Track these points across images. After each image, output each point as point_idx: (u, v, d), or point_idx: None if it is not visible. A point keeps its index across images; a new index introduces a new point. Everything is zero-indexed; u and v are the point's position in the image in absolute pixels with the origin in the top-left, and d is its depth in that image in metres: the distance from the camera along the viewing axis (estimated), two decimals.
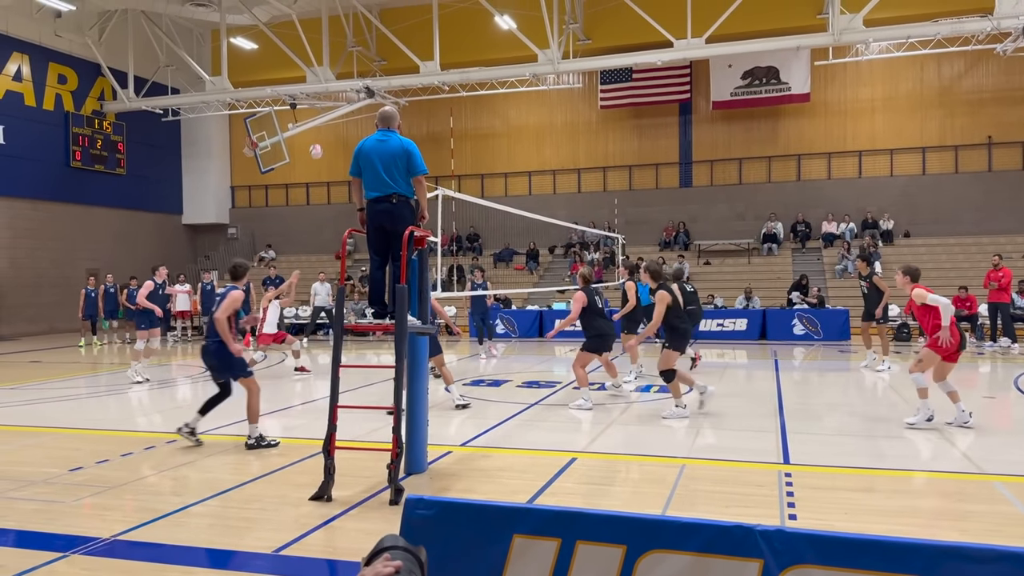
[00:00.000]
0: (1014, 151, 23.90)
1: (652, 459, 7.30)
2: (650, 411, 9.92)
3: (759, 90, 25.08)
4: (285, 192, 30.80)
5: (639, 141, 27.23)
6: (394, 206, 6.32)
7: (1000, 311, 17.10)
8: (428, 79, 23.14)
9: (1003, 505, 5.73)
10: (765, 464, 6.94)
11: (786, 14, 22.35)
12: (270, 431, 8.99)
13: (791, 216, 25.20)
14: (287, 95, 24.32)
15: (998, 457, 7.13)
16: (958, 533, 5.16)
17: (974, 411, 8.25)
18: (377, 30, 25.53)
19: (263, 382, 13.30)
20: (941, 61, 23.75)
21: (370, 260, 6.60)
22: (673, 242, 25.96)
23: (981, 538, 4.96)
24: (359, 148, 6.50)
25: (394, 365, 5.98)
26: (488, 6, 22.44)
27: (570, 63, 22.66)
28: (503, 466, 7.16)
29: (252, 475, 6.72)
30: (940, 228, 23.82)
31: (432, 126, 27.95)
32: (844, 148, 25.32)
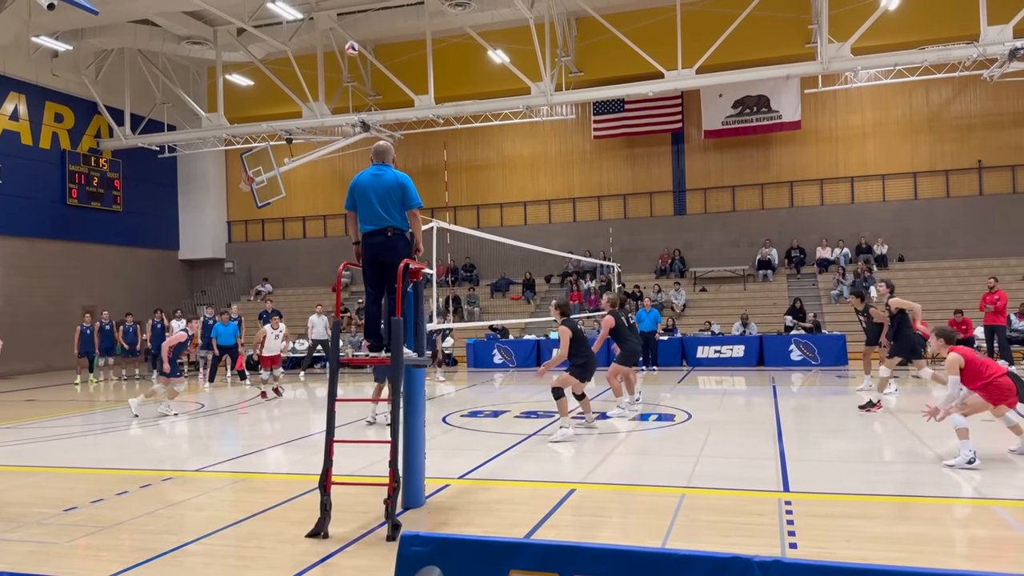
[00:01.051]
0: (1004, 175, 24.11)
1: (651, 489, 7.26)
2: (649, 440, 9.87)
3: (750, 119, 25.35)
4: (282, 226, 30.90)
5: (633, 170, 27.44)
6: (389, 239, 6.36)
7: (996, 334, 17.13)
8: (423, 112, 23.37)
9: (1004, 530, 5.69)
10: (765, 492, 6.90)
11: (775, 43, 22.67)
12: (265, 467, 8.93)
13: (785, 242, 25.32)
14: (283, 130, 24.52)
15: (997, 481, 7.10)
16: (960, 559, 5.12)
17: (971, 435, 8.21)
18: (372, 65, 25.84)
19: (261, 414, 13.29)
20: (929, 87, 24.05)
21: (366, 293, 6.61)
22: (669, 269, 26.04)
23: (983, 564, 4.92)
24: (354, 182, 6.55)
25: (390, 398, 5.96)
26: (481, 40, 22.76)
27: (563, 95, 22.90)
28: (502, 499, 7.11)
29: (249, 512, 6.66)
30: (933, 252, 23.94)
31: (427, 159, 28.16)
32: (836, 174, 25.52)
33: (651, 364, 19.24)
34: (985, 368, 7.76)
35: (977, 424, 9.60)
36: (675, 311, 23.65)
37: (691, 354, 20.27)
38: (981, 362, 7.82)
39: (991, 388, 7.68)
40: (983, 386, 7.72)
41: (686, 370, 19.37)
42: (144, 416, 12.91)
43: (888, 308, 12.64)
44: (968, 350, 8.01)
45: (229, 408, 14.51)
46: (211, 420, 13.23)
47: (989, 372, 7.74)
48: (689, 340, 20.69)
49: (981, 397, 7.73)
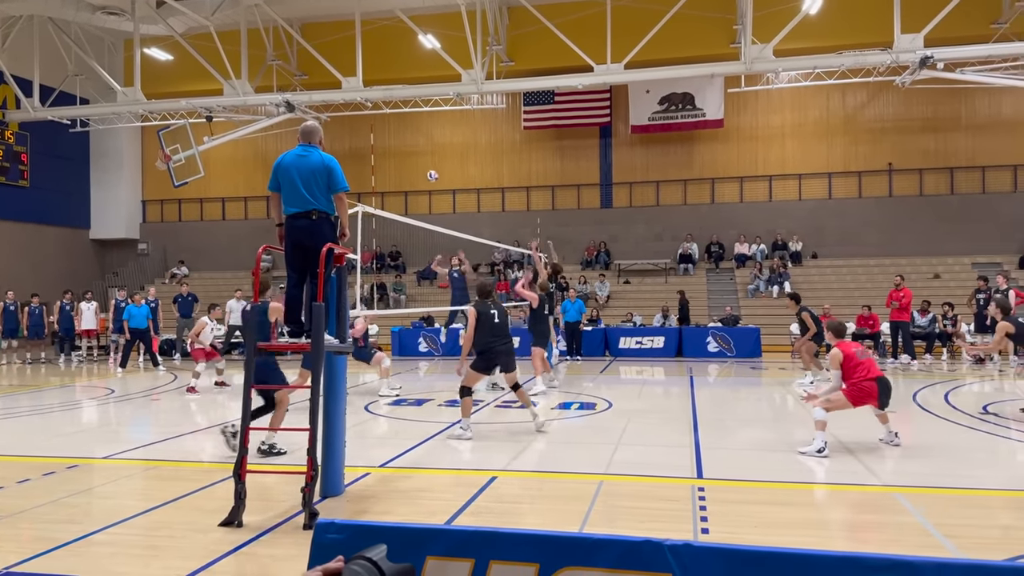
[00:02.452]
0: (912, 178, 25.33)
1: (571, 476, 7.36)
2: (570, 429, 10.00)
3: (675, 115, 25.86)
4: (200, 207, 29.91)
5: (562, 162, 27.66)
6: (313, 222, 6.23)
7: (901, 329, 18.01)
8: (350, 95, 22.94)
9: (904, 516, 6.00)
10: (680, 479, 7.09)
11: (701, 42, 23.16)
12: (179, 454, 8.66)
13: (706, 237, 25.99)
14: (203, 108, 23.68)
15: (899, 469, 7.48)
16: (860, 544, 5.38)
17: (876, 425, 8.62)
18: (298, 44, 25.20)
19: (175, 402, 12.86)
20: (845, 91, 25.02)
21: (287, 277, 6.47)
22: (595, 261, 26.39)
23: (883, 548, 5.18)
24: (278, 162, 6.39)
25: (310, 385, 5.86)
26: (412, 24, 22.47)
27: (493, 84, 22.85)
28: (423, 487, 7.09)
29: (160, 501, 6.45)
30: (845, 250, 24.98)
31: (354, 142, 27.70)
32: (755, 172, 26.33)
33: (575, 354, 19.51)
34: (858, 368, 8.12)
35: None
36: (599, 302, 23.99)
37: (614, 345, 20.62)
38: (859, 362, 8.17)
39: (854, 388, 8.07)
40: (849, 385, 8.11)
41: (608, 360, 19.70)
42: (45, 402, 12.33)
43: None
44: (852, 347, 8.37)
45: (143, 394, 13.99)
46: (122, 406, 12.74)
47: (859, 374, 8.08)
48: (612, 331, 21.04)
49: (844, 395, 8.12)
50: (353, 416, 10.12)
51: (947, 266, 23.80)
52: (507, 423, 10.36)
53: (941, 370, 16.67)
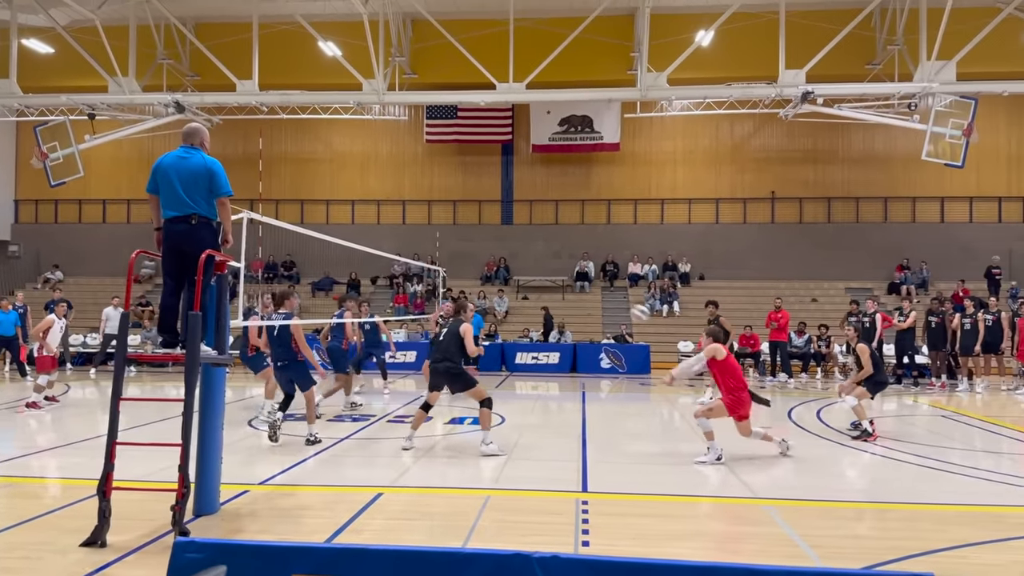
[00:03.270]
0: (793, 206, 26.80)
1: (458, 491, 7.32)
2: (461, 444, 9.96)
3: (574, 137, 26.42)
4: (78, 208, 28.29)
5: (464, 177, 27.75)
6: (193, 227, 5.98)
7: (779, 349, 18.94)
8: (245, 98, 22.29)
9: (772, 527, 6.26)
10: (566, 493, 7.17)
11: (601, 68, 23.79)
12: (42, 471, 8.10)
13: (601, 256, 26.61)
14: (85, 105, 22.45)
15: (773, 483, 7.83)
16: (731, 555, 5.58)
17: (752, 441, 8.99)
18: (191, 44, 24.29)
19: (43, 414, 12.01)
20: (734, 121, 26.26)
21: (164, 284, 6.18)
22: (494, 276, 26.53)
23: (751, 558, 5.39)
24: (158, 164, 6.12)
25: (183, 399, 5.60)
26: (312, 30, 22.07)
27: (395, 95, 22.73)
28: (305, 504, 6.89)
29: (15, 520, 5.99)
30: (730, 272, 26.10)
31: (247, 147, 26.87)
32: (649, 196, 27.22)
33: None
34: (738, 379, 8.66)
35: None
36: (498, 318, 24.11)
37: (510, 360, 20.76)
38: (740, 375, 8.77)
39: (733, 398, 8.55)
40: (728, 393, 8.57)
41: (504, 375, 19.80)
42: None
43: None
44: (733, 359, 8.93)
45: (6, 406, 13.01)
46: None
47: (737, 384, 8.61)
48: (509, 346, 21.18)
49: (724, 404, 8.63)
50: (234, 431, 9.76)
51: (823, 290, 25.25)
52: (397, 438, 10.22)
53: (815, 388, 17.60)
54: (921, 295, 23.86)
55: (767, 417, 13.62)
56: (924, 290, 24.49)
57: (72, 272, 27.01)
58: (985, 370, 17.78)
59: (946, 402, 15.26)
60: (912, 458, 9.01)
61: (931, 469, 8.47)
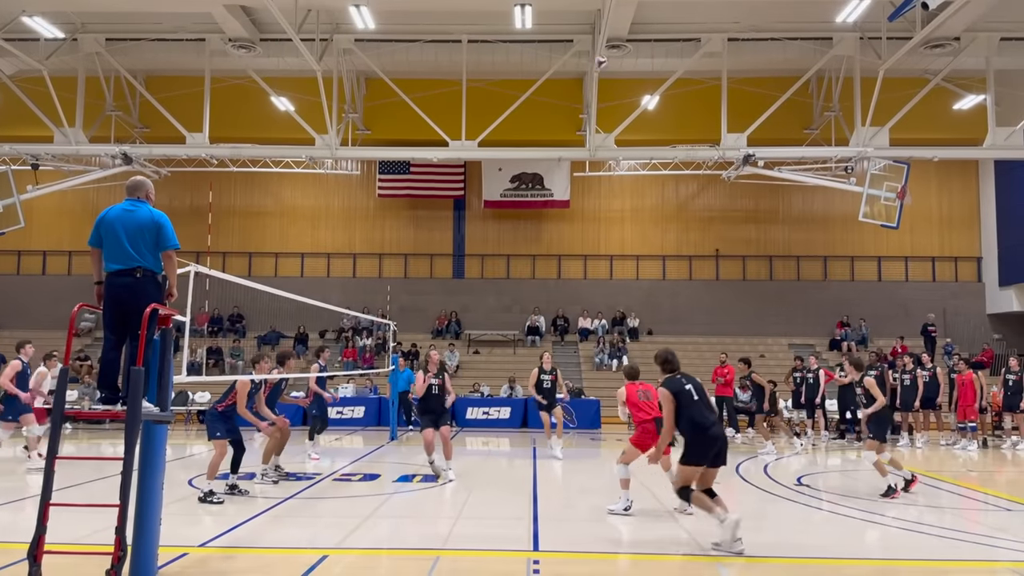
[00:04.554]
0: (736, 264, 27.49)
1: (407, 552, 7.17)
2: (410, 502, 9.78)
3: (525, 193, 26.82)
4: (17, 259, 27.46)
5: (415, 231, 27.84)
6: (137, 280, 5.86)
7: (725, 403, 19.13)
8: (194, 151, 22.13)
9: None
10: (516, 552, 7.07)
11: (551, 128, 24.32)
12: None
13: (552, 311, 26.79)
14: (28, 154, 22.01)
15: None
16: None
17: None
18: (141, 96, 24.09)
19: None
20: (679, 181, 27.01)
21: (104, 339, 6.01)
22: (445, 331, 26.44)
23: None
24: (102, 217, 6.02)
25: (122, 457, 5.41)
26: (265, 86, 22.15)
27: (348, 151, 22.86)
28: (245, 568, 6.65)
29: None
30: (677, 327, 26.49)
31: (196, 199, 26.59)
32: (598, 251, 27.67)
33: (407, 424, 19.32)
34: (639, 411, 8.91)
35: None
36: (448, 372, 23.88)
37: (460, 415, 20.56)
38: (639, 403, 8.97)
39: (639, 431, 8.88)
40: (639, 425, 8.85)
41: (455, 431, 19.56)
42: None
43: None
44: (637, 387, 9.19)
45: None
46: None
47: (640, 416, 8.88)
48: (459, 401, 20.90)
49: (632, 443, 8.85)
50: (174, 490, 9.42)
51: (767, 346, 25.77)
52: (344, 497, 10.01)
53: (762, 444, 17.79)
54: (861, 351, 24.50)
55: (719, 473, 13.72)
56: (864, 346, 25.18)
57: (10, 325, 26.01)
58: (924, 425, 18.24)
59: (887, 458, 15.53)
60: (859, 513, 9.13)
61: (876, 524, 8.60)
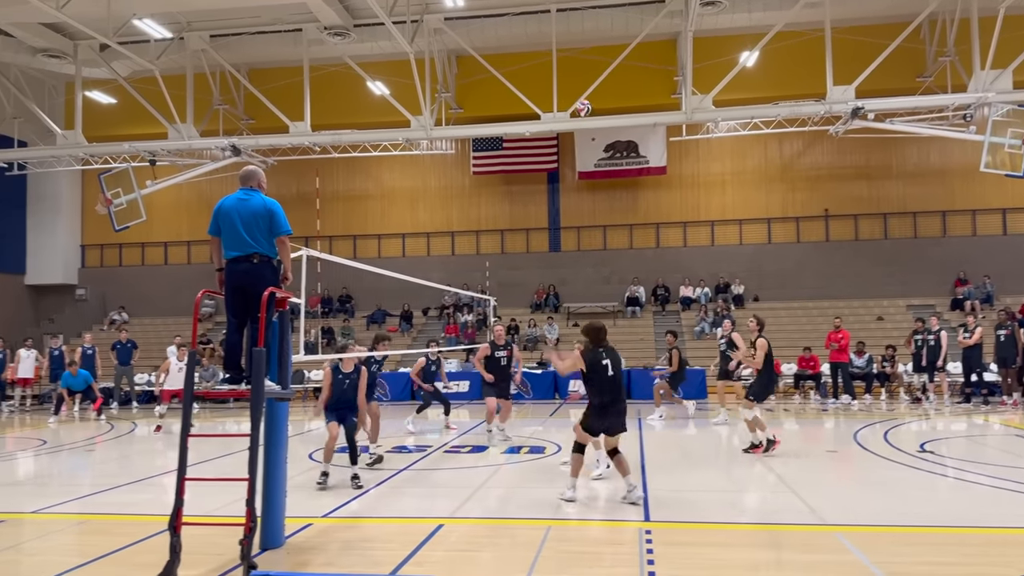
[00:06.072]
0: (847, 223, 26.26)
1: (519, 522, 7.28)
2: (519, 473, 9.93)
3: (620, 162, 26.43)
4: (141, 251, 29.29)
5: (510, 206, 27.96)
6: (254, 266, 6.15)
7: (840, 370, 18.46)
8: (298, 139, 22.89)
9: (845, 555, 6.07)
10: (627, 522, 7.08)
11: (644, 93, 23.82)
12: (113, 507, 8.32)
13: (652, 280, 26.41)
14: (146, 151, 23.34)
15: (840, 508, 7.59)
16: None
17: (818, 465, 8.77)
18: (245, 89, 25.11)
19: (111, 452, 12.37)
20: (782, 140, 25.95)
21: (227, 323, 6.35)
22: (544, 304, 26.53)
23: None
24: (219, 206, 6.33)
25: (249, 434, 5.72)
26: (360, 71, 22.64)
27: (442, 130, 23.09)
28: (367, 536, 6.94)
29: (90, 556, 6.17)
30: (785, 293, 25.62)
31: (301, 186, 27.55)
32: (698, 218, 26.99)
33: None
34: None
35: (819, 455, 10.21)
36: (548, 344, 24.05)
37: (563, 388, 20.65)
38: None
39: None
40: None
41: (558, 403, 19.70)
42: None
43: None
44: None
45: (78, 445, 13.44)
46: (55, 458, 12.22)
47: None
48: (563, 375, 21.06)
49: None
50: (296, 465, 9.89)
51: (883, 308, 24.59)
52: (454, 469, 10.26)
53: (880, 410, 17.08)
54: (986, 310, 23.05)
55: (834, 441, 13.29)
56: (989, 304, 23.64)
57: (136, 313, 27.89)
58: None
59: (1020, 420, 14.65)
60: (986, 479, 8.66)
61: (1007, 491, 8.12)
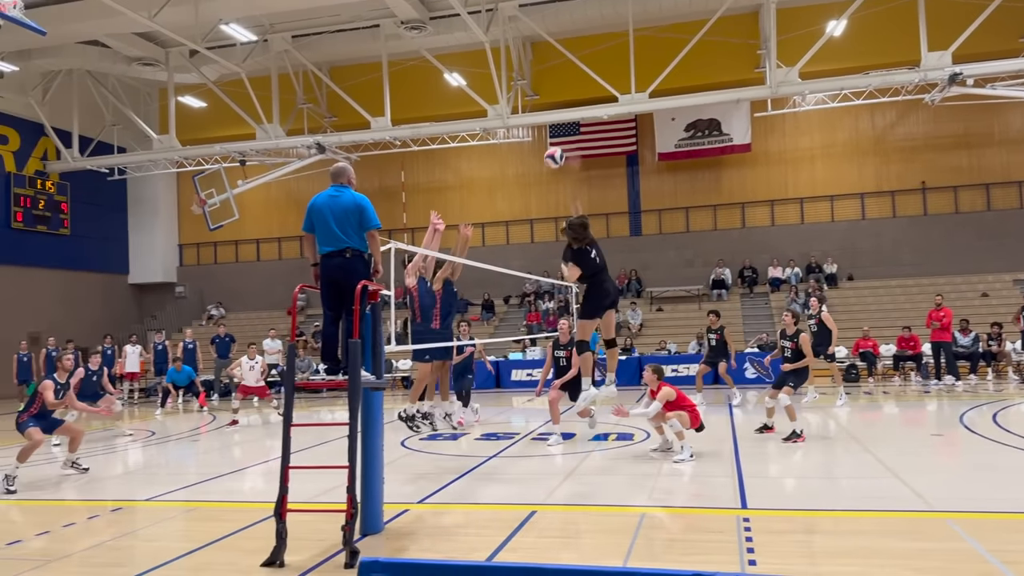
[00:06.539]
0: (946, 195, 24.95)
1: (611, 509, 7.25)
2: (609, 460, 9.89)
3: (702, 141, 25.86)
4: (235, 249, 30.45)
5: (589, 191, 27.74)
6: (347, 260, 6.32)
7: (943, 350, 17.61)
8: (379, 135, 23.33)
9: (956, 542, 5.80)
10: (723, 510, 6.95)
11: (725, 68, 23.21)
12: (219, 495, 8.71)
13: (738, 262, 25.78)
14: (236, 152, 24.23)
15: (949, 494, 7.25)
16: (914, 572, 5.21)
17: (922, 449, 8.41)
18: (327, 87, 25.73)
19: (215, 442, 12.97)
20: (874, 111, 24.83)
21: (323, 315, 6.54)
22: (626, 289, 26.27)
23: None
24: (312, 204, 6.50)
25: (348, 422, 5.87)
26: (437, 64, 22.86)
27: (519, 118, 23.09)
28: (462, 522, 7.04)
29: (201, 542, 6.47)
30: (881, 271, 24.58)
31: (384, 180, 28.07)
32: (786, 195, 26.15)
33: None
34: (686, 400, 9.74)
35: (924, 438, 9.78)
36: (631, 330, 23.83)
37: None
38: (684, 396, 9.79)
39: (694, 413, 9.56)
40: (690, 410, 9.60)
41: (643, 388, 19.46)
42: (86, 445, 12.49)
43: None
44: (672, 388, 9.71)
45: (184, 435, 14.14)
46: (163, 448, 12.89)
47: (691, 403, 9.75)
48: (646, 359, 20.82)
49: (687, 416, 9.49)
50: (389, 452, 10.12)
51: (987, 283, 23.31)
52: (543, 456, 10.30)
53: (987, 390, 16.23)
54: None
55: (937, 424, 12.71)
56: None
57: (232, 308, 29.07)
58: None
59: None
60: None
61: None
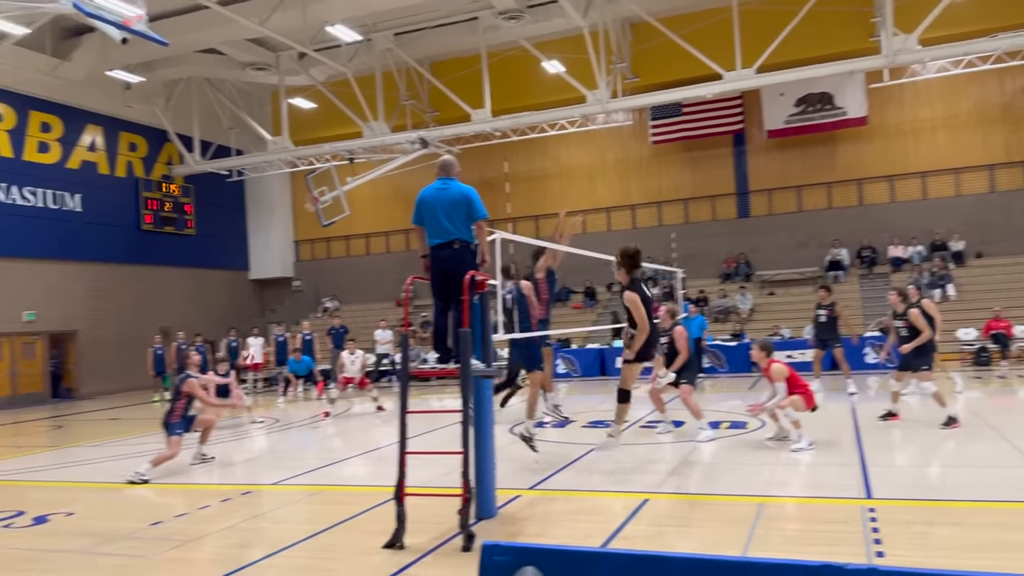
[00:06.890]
0: None
1: (727, 498, 7.10)
2: (721, 448, 9.68)
3: (814, 116, 24.74)
4: (346, 243, 31.51)
5: (693, 174, 27.09)
6: (456, 251, 6.44)
7: None
8: (479, 127, 23.56)
9: None
10: (846, 500, 6.68)
11: (837, 39, 22.07)
12: (340, 479, 9.07)
13: (855, 242, 24.57)
14: (345, 150, 25.04)
15: None
16: None
17: None
18: (429, 82, 26.19)
19: (333, 429, 13.53)
20: (1003, 76, 23.05)
21: (434, 306, 6.69)
22: (734, 273, 25.55)
23: None
24: (420, 197, 6.66)
25: (460, 409, 6.00)
26: (536, 52, 22.83)
27: (619, 101, 22.79)
28: (573, 509, 7.06)
29: (325, 524, 6.77)
30: (1015, 246, 22.87)
31: (485, 172, 28.33)
32: (906, 170, 24.69)
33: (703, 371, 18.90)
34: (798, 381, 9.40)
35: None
36: (741, 316, 23.17)
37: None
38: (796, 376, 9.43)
39: (807, 394, 9.29)
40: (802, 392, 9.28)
41: (756, 376, 18.92)
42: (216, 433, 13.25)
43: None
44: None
45: (305, 422, 14.81)
46: (285, 434, 13.53)
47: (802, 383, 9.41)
48: None
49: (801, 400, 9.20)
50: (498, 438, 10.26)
51: None
52: (652, 444, 10.18)
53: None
54: None
55: None
56: None
57: (345, 300, 30.14)
58: None
59: None
60: None
61: None
